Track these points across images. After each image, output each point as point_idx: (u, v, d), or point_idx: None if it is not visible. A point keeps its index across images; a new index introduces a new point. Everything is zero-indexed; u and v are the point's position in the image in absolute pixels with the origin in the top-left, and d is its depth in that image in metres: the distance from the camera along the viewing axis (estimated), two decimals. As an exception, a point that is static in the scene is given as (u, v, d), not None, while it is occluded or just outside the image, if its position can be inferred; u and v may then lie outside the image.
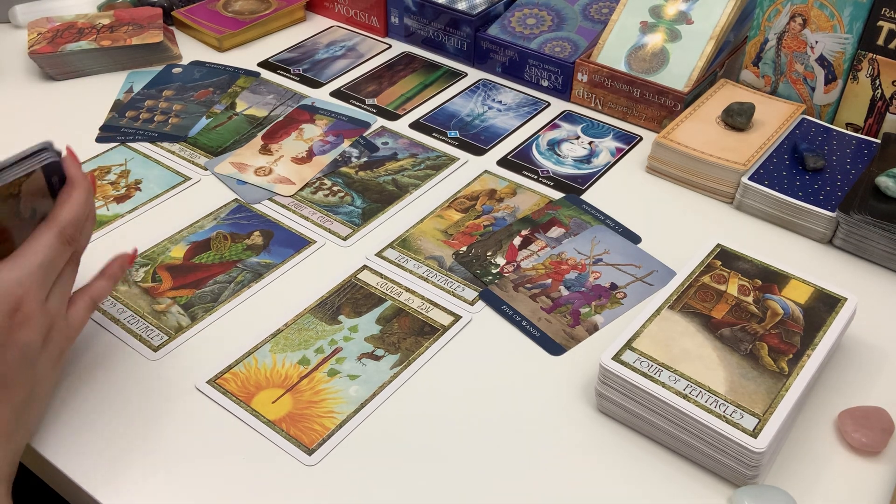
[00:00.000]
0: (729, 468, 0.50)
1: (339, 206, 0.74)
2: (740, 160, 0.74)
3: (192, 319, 0.62)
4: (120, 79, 0.93)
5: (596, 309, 0.64)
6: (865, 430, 0.53)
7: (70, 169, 0.53)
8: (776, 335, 0.55)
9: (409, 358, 0.59)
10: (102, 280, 0.57)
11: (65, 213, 0.51)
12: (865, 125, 0.81)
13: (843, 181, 0.73)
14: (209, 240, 0.70)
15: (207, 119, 0.86)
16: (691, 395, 0.51)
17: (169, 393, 0.56)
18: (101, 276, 0.57)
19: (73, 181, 0.52)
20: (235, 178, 0.77)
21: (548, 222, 0.72)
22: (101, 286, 0.56)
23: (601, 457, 0.53)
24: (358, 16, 1.04)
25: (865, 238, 0.68)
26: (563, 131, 0.86)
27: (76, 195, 0.52)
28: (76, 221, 0.51)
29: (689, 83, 0.84)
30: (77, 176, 0.53)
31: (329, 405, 0.56)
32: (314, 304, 0.64)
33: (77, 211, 0.51)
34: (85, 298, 0.55)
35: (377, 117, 0.87)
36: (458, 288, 0.66)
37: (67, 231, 0.51)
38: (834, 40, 0.80)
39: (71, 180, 0.52)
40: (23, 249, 0.49)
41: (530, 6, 0.96)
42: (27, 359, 0.48)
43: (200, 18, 1.02)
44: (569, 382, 0.58)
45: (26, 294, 0.47)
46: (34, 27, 0.96)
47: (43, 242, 0.49)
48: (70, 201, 0.51)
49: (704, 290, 0.58)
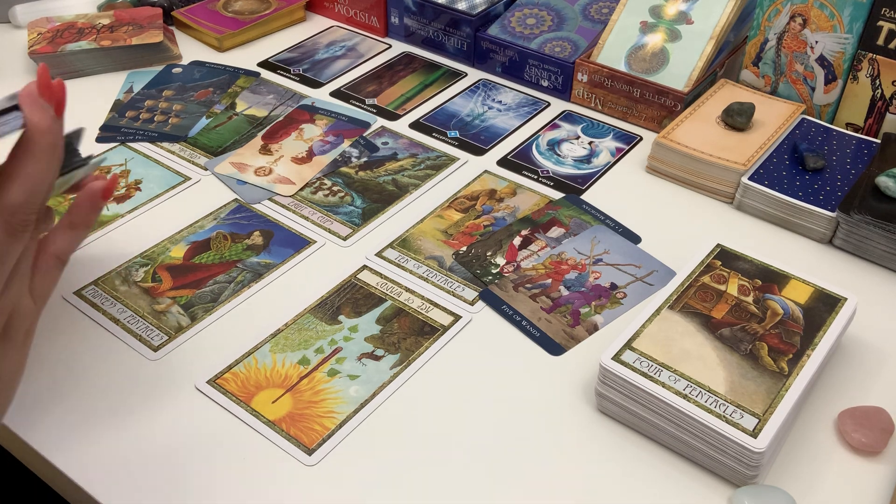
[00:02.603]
0: (729, 468, 0.50)
1: (339, 206, 0.74)
2: (740, 160, 0.74)
3: (192, 319, 0.62)
4: (120, 79, 0.93)
5: (596, 309, 0.64)
6: (865, 430, 0.53)
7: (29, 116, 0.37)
8: (776, 335, 0.55)
9: (409, 358, 0.59)
10: (68, 231, 0.43)
11: (14, 194, 0.37)
12: (865, 125, 0.81)
13: (843, 181, 0.73)
14: (209, 240, 0.70)
15: (207, 119, 0.86)
16: (691, 395, 0.51)
17: (169, 393, 0.56)
18: (67, 225, 0.43)
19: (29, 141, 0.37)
20: (235, 178, 0.77)
21: (548, 222, 0.72)
22: (66, 239, 0.42)
23: (601, 457, 0.53)
24: (358, 16, 1.04)
25: (865, 238, 0.68)
26: (563, 131, 0.86)
27: (30, 166, 0.37)
28: (28, 202, 0.37)
29: (689, 83, 0.84)
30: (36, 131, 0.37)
31: (329, 405, 0.56)
32: (314, 304, 0.64)
33: (30, 188, 0.37)
34: (47, 259, 0.42)
35: (377, 117, 0.87)
36: (458, 288, 0.66)
37: (17, 218, 0.37)
38: (834, 40, 0.80)
39: (26, 139, 0.37)
40: None
41: (530, 6, 0.96)
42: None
43: (200, 18, 1.02)
44: (569, 382, 0.58)
45: None
46: (34, 27, 0.96)
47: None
48: (20, 176, 0.37)
49: (704, 290, 0.58)
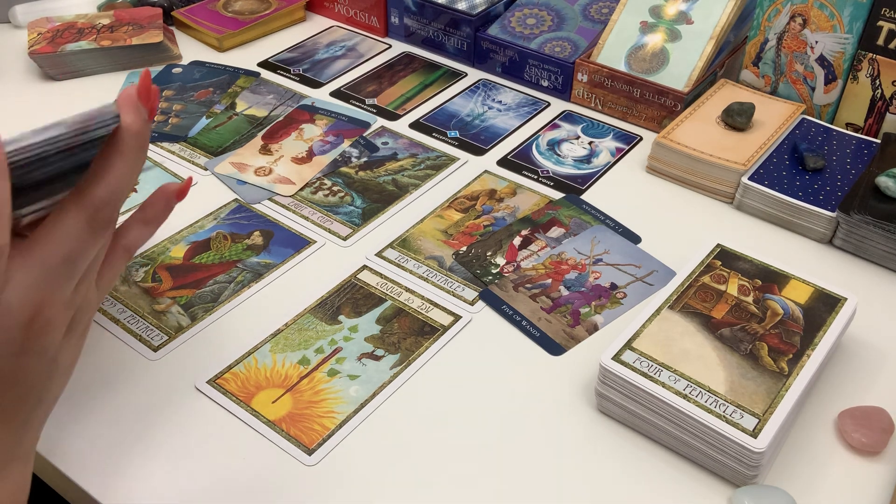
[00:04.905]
0: (729, 468, 0.50)
1: (339, 206, 0.74)
2: (740, 160, 0.74)
3: (192, 319, 0.62)
4: (120, 79, 0.93)
5: (596, 309, 0.64)
6: (865, 430, 0.53)
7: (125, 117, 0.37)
8: (776, 335, 0.55)
9: (409, 358, 0.59)
10: (141, 225, 0.43)
11: (101, 191, 0.37)
12: (865, 125, 0.81)
13: (843, 181, 0.73)
14: (209, 240, 0.70)
15: (207, 119, 0.86)
16: (691, 395, 0.51)
17: (169, 393, 0.56)
18: (140, 219, 0.43)
19: (120, 142, 0.37)
20: (235, 178, 0.77)
21: (548, 222, 0.72)
22: (138, 233, 0.43)
23: (601, 457, 0.53)
24: (358, 16, 1.04)
25: (865, 238, 0.68)
26: (563, 131, 0.86)
27: (118, 165, 0.37)
28: (113, 199, 0.37)
29: (689, 83, 0.84)
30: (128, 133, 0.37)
31: (329, 405, 0.56)
32: (314, 304, 0.64)
33: (116, 186, 0.37)
34: (116, 250, 0.42)
35: (377, 117, 0.87)
36: (458, 288, 0.66)
37: (103, 215, 0.37)
38: (834, 40, 0.80)
39: (118, 140, 0.37)
40: (41, 237, 0.36)
41: (530, 6, 0.96)
42: (46, 359, 0.40)
43: (200, 18, 1.02)
44: (569, 382, 0.58)
45: (46, 299, 0.37)
46: (34, 27, 0.96)
47: (68, 230, 0.37)
48: (110, 174, 0.37)
49: (704, 290, 0.58)
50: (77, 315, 0.41)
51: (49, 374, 0.41)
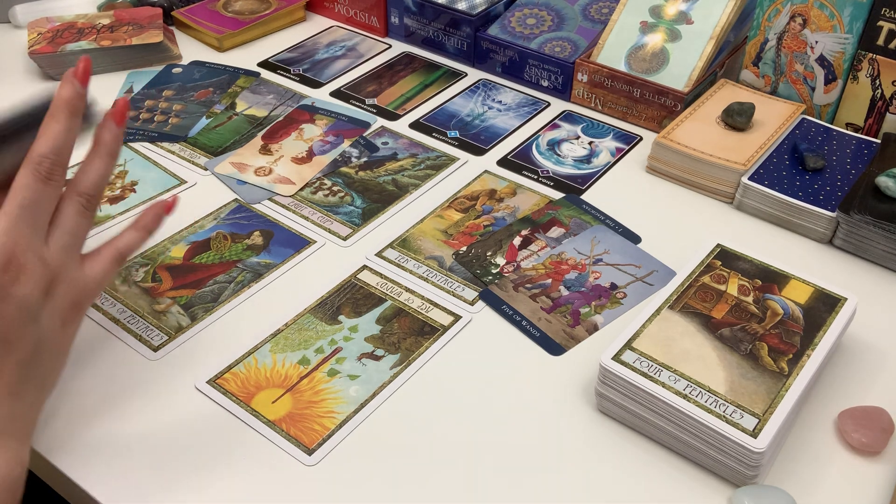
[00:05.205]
0: (729, 468, 0.50)
1: (339, 206, 0.74)
2: (740, 160, 0.74)
3: (192, 319, 0.62)
4: (120, 79, 0.93)
5: (596, 309, 0.64)
6: (865, 430, 0.53)
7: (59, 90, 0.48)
8: (776, 335, 0.55)
9: (409, 358, 0.59)
10: (133, 231, 0.52)
11: (40, 146, 0.47)
12: (865, 125, 0.81)
13: (843, 181, 0.73)
14: (209, 240, 0.70)
15: (207, 119, 0.86)
16: (691, 395, 0.51)
17: (169, 393, 0.56)
18: (133, 226, 0.52)
19: (54, 107, 0.48)
20: (235, 178, 0.77)
21: (548, 222, 0.72)
22: (130, 237, 0.52)
23: (601, 457, 0.53)
24: (358, 16, 1.04)
25: (865, 238, 0.68)
26: (563, 131, 0.86)
27: (52, 126, 0.47)
28: (51, 153, 0.47)
29: (689, 83, 0.84)
30: (59, 99, 0.48)
31: (329, 405, 0.56)
32: (314, 304, 0.64)
33: (53, 142, 0.47)
34: (109, 249, 0.51)
35: (377, 117, 0.87)
36: (458, 288, 0.66)
37: (43, 165, 0.46)
38: (834, 40, 0.80)
39: (52, 106, 0.48)
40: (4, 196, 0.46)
41: (530, 6, 0.96)
42: (27, 313, 0.45)
43: (200, 18, 1.02)
44: (569, 382, 0.58)
45: (15, 243, 0.45)
46: (34, 27, 0.96)
47: (20, 182, 0.46)
48: (46, 133, 0.47)
49: (704, 290, 0.58)
50: (57, 286, 0.47)
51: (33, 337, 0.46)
